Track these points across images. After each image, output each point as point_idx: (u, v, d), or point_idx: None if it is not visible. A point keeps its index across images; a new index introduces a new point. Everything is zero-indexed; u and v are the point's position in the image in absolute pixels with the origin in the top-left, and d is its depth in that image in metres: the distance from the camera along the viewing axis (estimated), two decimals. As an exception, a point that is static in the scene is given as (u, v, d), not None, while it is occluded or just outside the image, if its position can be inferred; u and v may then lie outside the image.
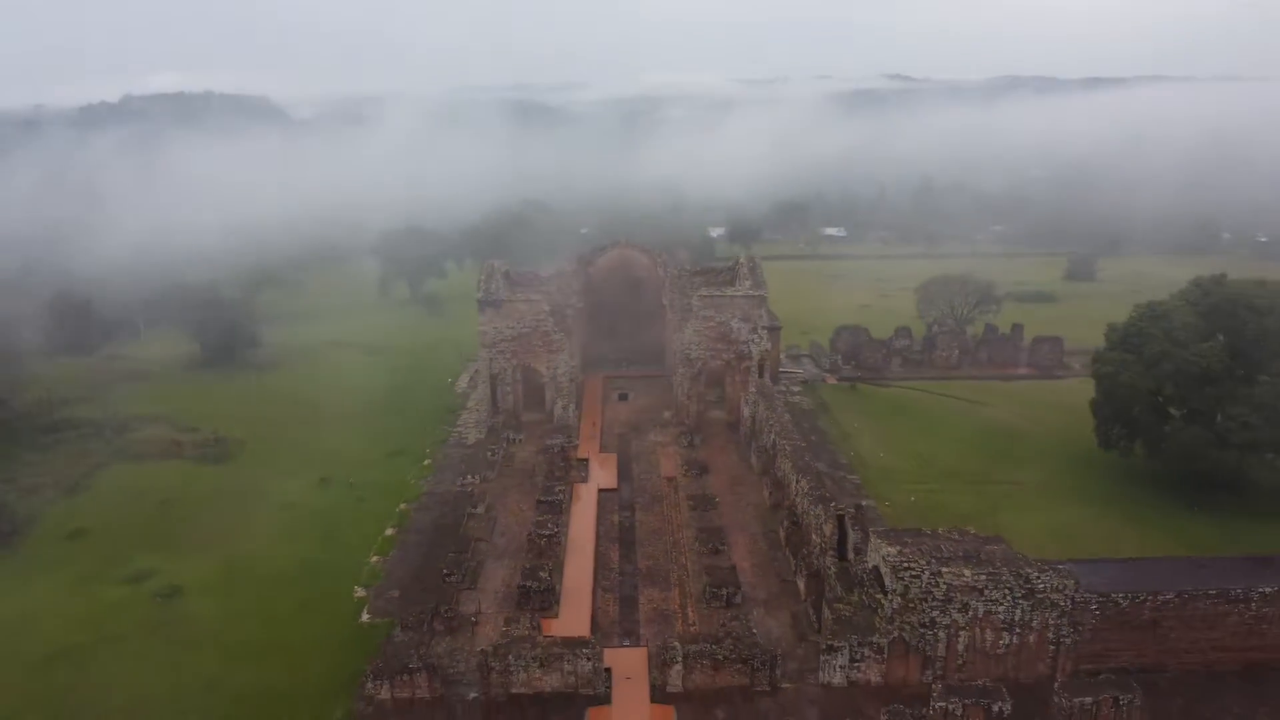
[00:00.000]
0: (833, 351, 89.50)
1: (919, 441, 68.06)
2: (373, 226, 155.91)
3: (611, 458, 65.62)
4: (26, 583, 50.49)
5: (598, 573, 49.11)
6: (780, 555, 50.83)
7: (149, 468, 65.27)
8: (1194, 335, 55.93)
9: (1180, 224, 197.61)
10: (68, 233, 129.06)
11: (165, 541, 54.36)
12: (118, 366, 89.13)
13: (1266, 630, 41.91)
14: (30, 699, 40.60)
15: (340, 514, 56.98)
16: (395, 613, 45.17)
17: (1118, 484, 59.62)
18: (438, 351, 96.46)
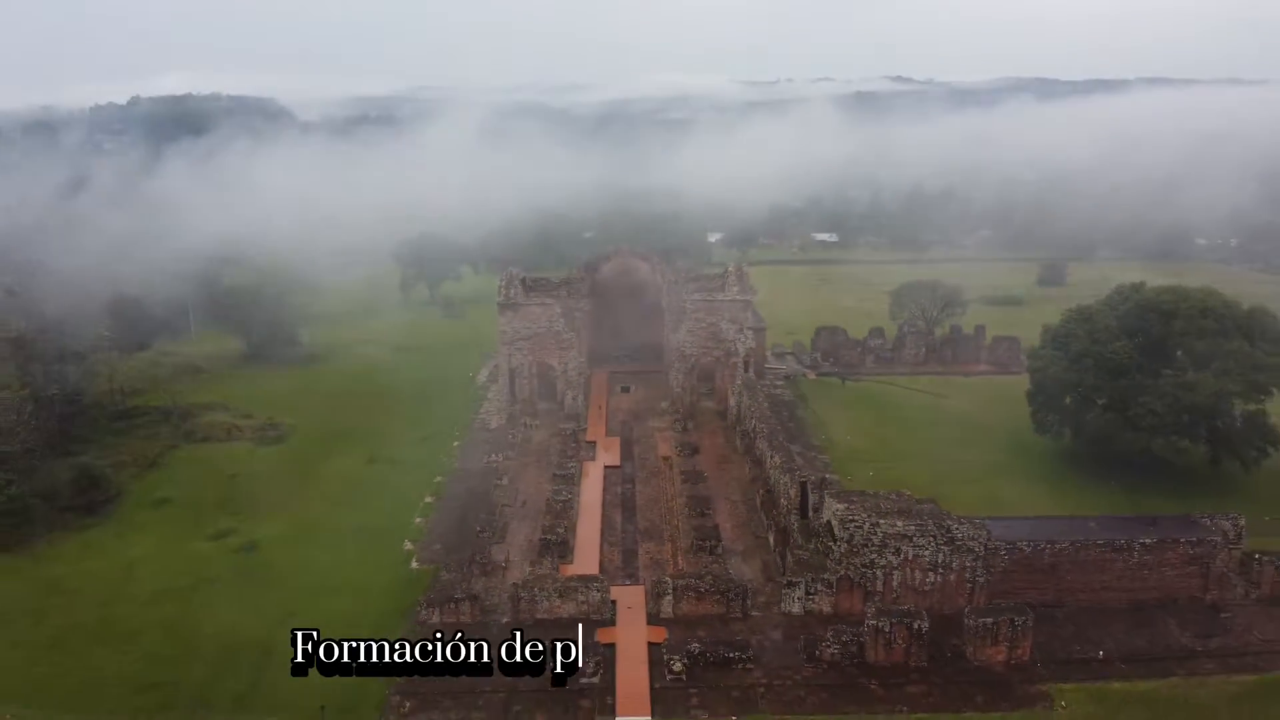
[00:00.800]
0: (813, 349, 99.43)
1: (883, 428, 78.03)
2: (391, 232, 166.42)
3: (615, 440, 75.65)
4: (127, 540, 60.54)
5: (604, 531, 59.11)
6: (756, 518, 60.77)
7: (214, 448, 75.42)
8: (1112, 336, 65.81)
9: (1155, 230, 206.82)
10: (116, 234, 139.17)
11: (238, 507, 64.38)
12: (172, 361, 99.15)
13: (1147, 574, 51.78)
14: (146, 625, 50.57)
15: (386, 485, 67.00)
16: (439, 560, 55.16)
17: (1048, 463, 69.58)
18: (458, 349, 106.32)
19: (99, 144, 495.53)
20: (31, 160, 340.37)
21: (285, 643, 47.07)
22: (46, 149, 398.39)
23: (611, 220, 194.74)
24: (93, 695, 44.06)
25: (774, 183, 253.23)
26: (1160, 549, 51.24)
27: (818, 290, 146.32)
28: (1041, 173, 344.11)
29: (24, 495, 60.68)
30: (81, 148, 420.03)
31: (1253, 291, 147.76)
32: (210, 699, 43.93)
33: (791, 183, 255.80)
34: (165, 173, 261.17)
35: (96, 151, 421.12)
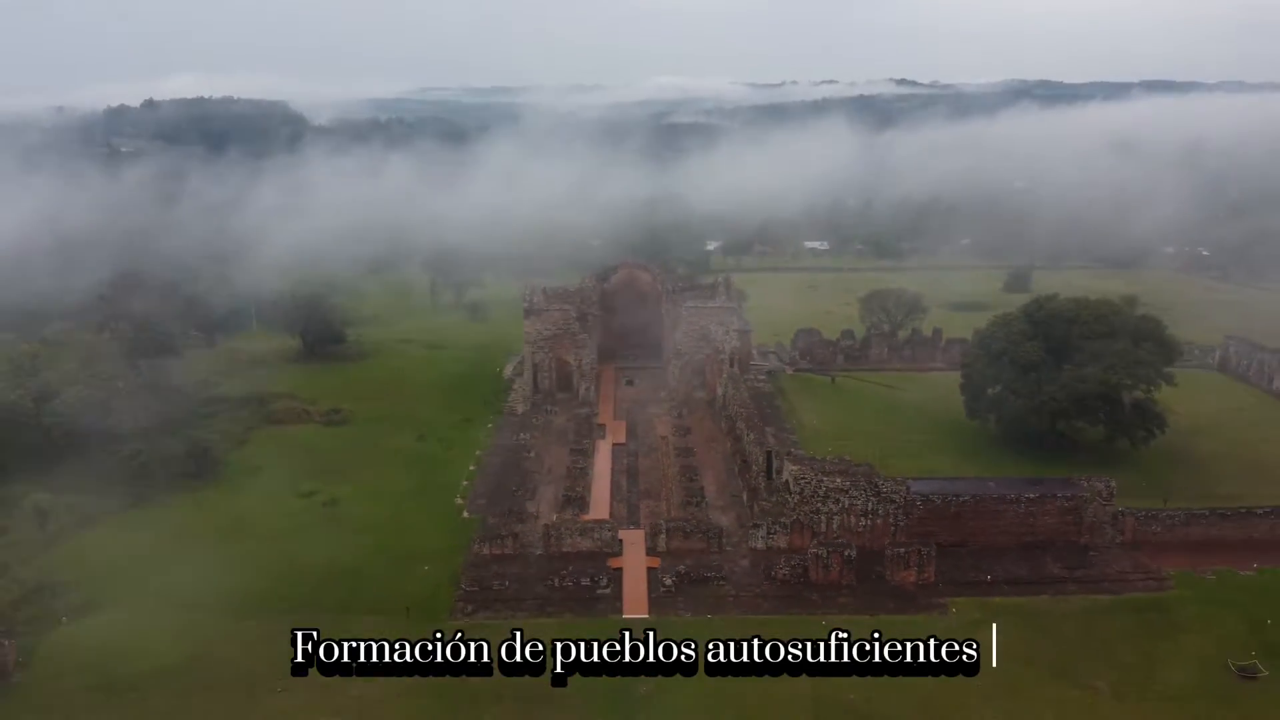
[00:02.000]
0: (793, 349, 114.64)
1: (844, 414, 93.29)
2: (414, 240, 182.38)
3: (622, 423, 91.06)
4: (232, 498, 75.98)
5: (613, 491, 74.54)
6: (734, 482, 76.10)
7: (289, 429, 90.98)
8: (1025, 338, 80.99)
9: (1126, 239, 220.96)
10: (178, 241, 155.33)
11: (317, 474, 79.75)
12: (238, 356, 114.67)
13: (1033, 522, 66.99)
14: (263, 556, 65.77)
15: (435, 457, 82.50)
16: (484, 511, 70.52)
17: (975, 441, 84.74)
18: (484, 348, 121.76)
19: (119, 147, 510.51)
20: (65, 164, 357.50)
21: (375, 567, 63.42)
22: (77, 154, 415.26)
23: (617, 229, 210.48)
24: (236, 602, 59.37)
25: (772, 193, 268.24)
26: (1041, 502, 66.49)
27: (805, 295, 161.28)
28: (1031, 181, 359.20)
29: (150, 463, 76.27)
30: (111, 154, 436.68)
31: (1195, 298, 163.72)
32: (322, 604, 59.22)
33: (788, 193, 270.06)
34: (205, 181, 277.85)
35: (126, 157, 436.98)
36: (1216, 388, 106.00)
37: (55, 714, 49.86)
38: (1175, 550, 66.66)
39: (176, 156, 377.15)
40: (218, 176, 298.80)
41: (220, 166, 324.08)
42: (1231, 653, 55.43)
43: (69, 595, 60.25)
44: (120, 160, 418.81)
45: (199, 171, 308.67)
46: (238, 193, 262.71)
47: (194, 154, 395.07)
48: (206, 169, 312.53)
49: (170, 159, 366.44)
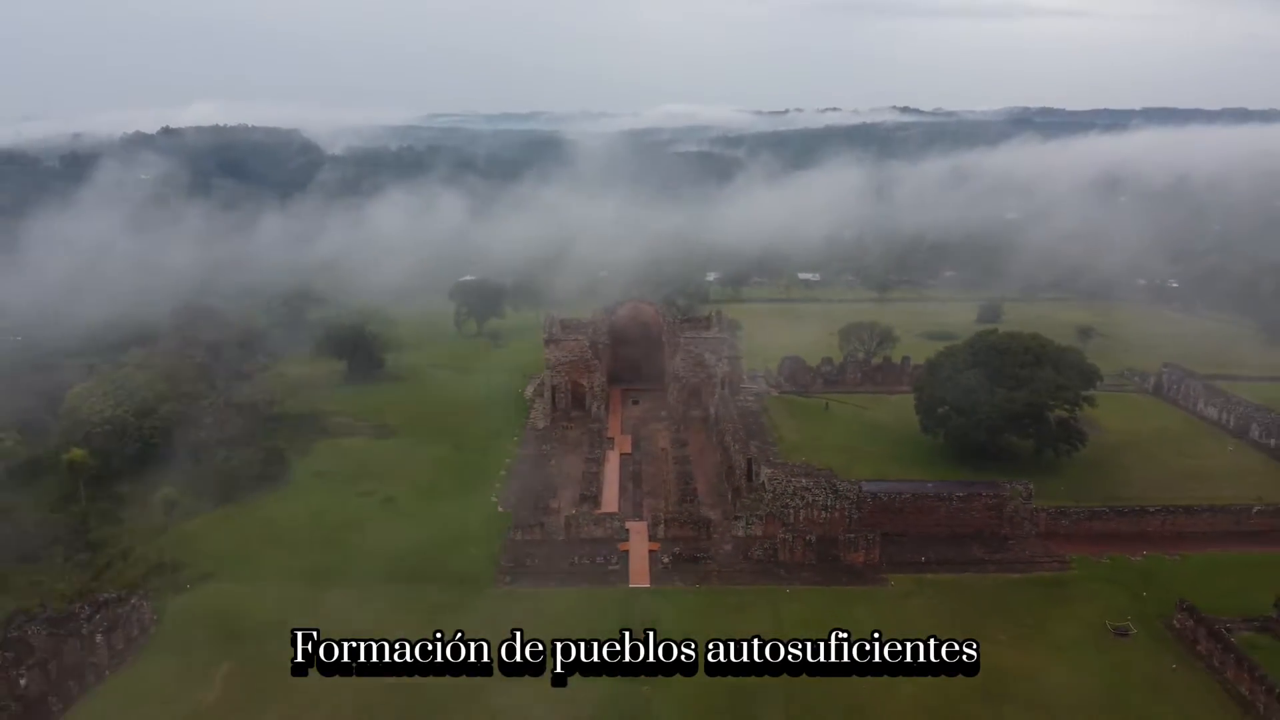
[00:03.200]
0: (778, 374, 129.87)
1: (820, 430, 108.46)
2: (441, 272, 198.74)
3: (628, 437, 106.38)
4: (304, 497, 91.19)
5: (621, 491, 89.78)
6: (722, 485, 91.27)
7: (344, 441, 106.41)
8: (966, 365, 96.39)
9: (1100, 271, 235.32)
10: (227, 273, 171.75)
11: (372, 477, 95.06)
12: (291, 379, 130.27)
13: (962, 516, 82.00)
14: (341, 540, 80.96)
15: (471, 464, 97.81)
16: (515, 506, 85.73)
17: (927, 453, 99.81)
18: (505, 371, 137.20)
19: (138, 175, 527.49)
20: (91, 194, 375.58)
21: (430, 549, 78.62)
22: (104, 183, 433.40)
23: (624, 260, 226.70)
24: (320, 575, 74.53)
25: (771, 226, 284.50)
26: (969, 500, 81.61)
27: (794, 325, 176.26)
28: (1021, 213, 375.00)
29: (235, 467, 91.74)
30: (135, 183, 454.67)
31: (1152, 329, 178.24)
32: (391, 577, 74.33)
33: (786, 226, 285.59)
34: (234, 211, 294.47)
35: (147, 185, 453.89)
36: (1148, 409, 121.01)
37: (189, 657, 64.82)
38: (1079, 540, 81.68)
39: (198, 188, 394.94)
40: (245, 207, 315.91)
41: (245, 197, 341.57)
42: (1111, 617, 70.40)
43: (186, 570, 75.66)
44: (143, 189, 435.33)
45: (224, 202, 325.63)
46: (269, 224, 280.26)
47: (214, 185, 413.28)
48: (233, 200, 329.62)
49: (192, 190, 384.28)
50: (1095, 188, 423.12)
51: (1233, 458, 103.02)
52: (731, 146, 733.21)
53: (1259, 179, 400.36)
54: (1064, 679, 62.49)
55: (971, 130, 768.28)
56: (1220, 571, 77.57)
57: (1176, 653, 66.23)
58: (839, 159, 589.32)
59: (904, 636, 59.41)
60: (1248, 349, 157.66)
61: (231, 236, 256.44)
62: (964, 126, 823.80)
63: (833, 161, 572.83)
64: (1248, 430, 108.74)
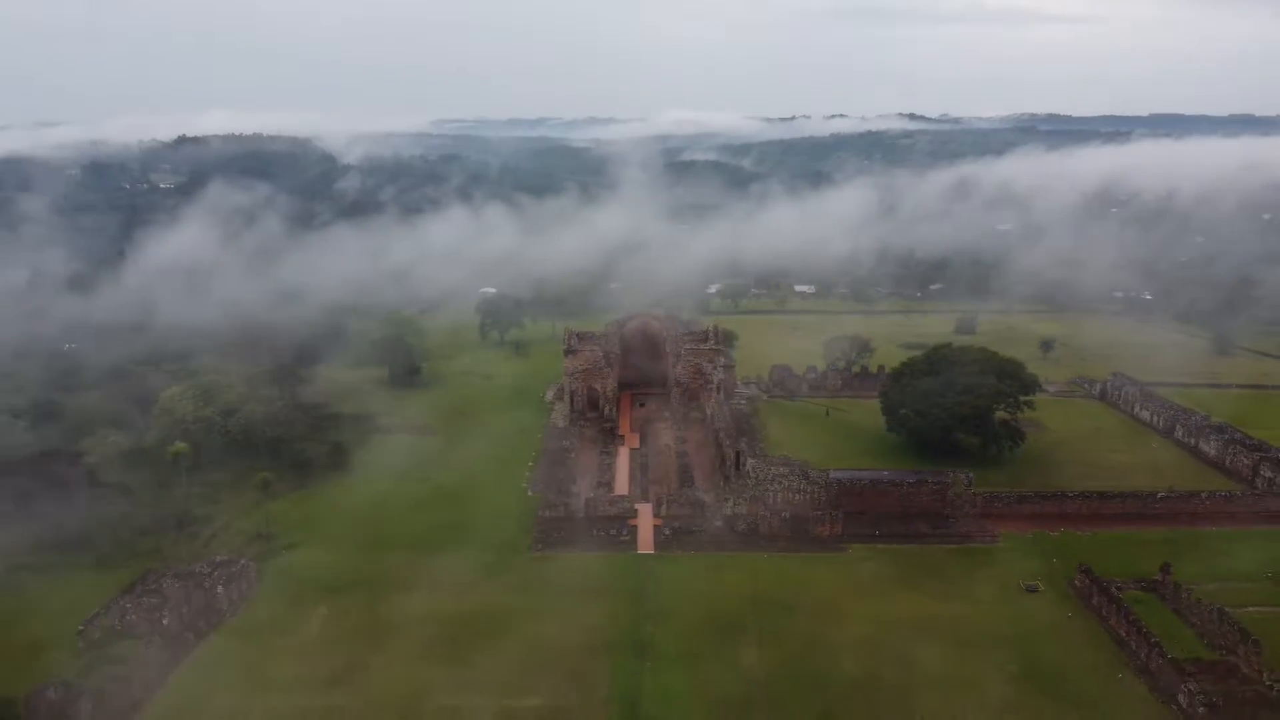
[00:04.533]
0: (769, 380, 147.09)
1: (802, 428, 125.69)
2: (465, 284, 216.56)
3: (636, 434, 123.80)
4: (367, 485, 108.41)
5: (630, 478, 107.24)
6: (715, 474, 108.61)
7: (393, 438, 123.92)
8: (923, 374, 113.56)
9: (1077, 284, 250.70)
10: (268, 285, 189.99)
11: (421, 467, 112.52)
12: (338, 385, 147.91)
13: (911, 499, 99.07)
14: (403, 518, 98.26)
15: (503, 456, 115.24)
16: (542, 490, 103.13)
17: (890, 449, 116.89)
18: (527, 378, 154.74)
19: (158, 184, 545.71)
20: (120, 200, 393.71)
21: (474, 523, 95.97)
22: (131, 191, 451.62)
23: (632, 273, 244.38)
24: (390, 543, 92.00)
25: (771, 239, 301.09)
26: (918, 485, 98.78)
27: (786, 336, 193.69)
28: (1015, 224, 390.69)
29: (308, 459, 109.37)
30: (163, 192, 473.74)
31: (1115, 339, 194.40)
32: (445, 545, 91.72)
33: (786, 240, 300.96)
34: (261, 223, 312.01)
35: (171, 194, 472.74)
36: (1091, 412, 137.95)
37: (290, 605, 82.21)
38: (1009, 519, 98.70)
39: (224, 198, 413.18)
40: (269, 218, 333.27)
41: (269, 208, 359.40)
42: (1025, 578, 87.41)
43: (278, 539, 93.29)
44: (166, 198, 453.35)
45: (248, 214, 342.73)
46: (297, 237, 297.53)
47: (238, 197, 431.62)
48: (257, 211, 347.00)
49: (219, 201, 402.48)
50: (1088, 201, 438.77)
51: (1155, 454, 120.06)
52: (739, 155, 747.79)
53: (1246, 193, 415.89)
54: (979, 622, 79.57)
55: (976, 139, 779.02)
56: (1123, 545, 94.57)
57: (1075, 605, 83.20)
58: (845, 170, 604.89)
59: (856, 592, 76.79)
60: (1196, 358, 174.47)
61: (267, 249, 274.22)
62: (969, 135, 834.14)
63: (839, 173, 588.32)
64: (1173, 430, 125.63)
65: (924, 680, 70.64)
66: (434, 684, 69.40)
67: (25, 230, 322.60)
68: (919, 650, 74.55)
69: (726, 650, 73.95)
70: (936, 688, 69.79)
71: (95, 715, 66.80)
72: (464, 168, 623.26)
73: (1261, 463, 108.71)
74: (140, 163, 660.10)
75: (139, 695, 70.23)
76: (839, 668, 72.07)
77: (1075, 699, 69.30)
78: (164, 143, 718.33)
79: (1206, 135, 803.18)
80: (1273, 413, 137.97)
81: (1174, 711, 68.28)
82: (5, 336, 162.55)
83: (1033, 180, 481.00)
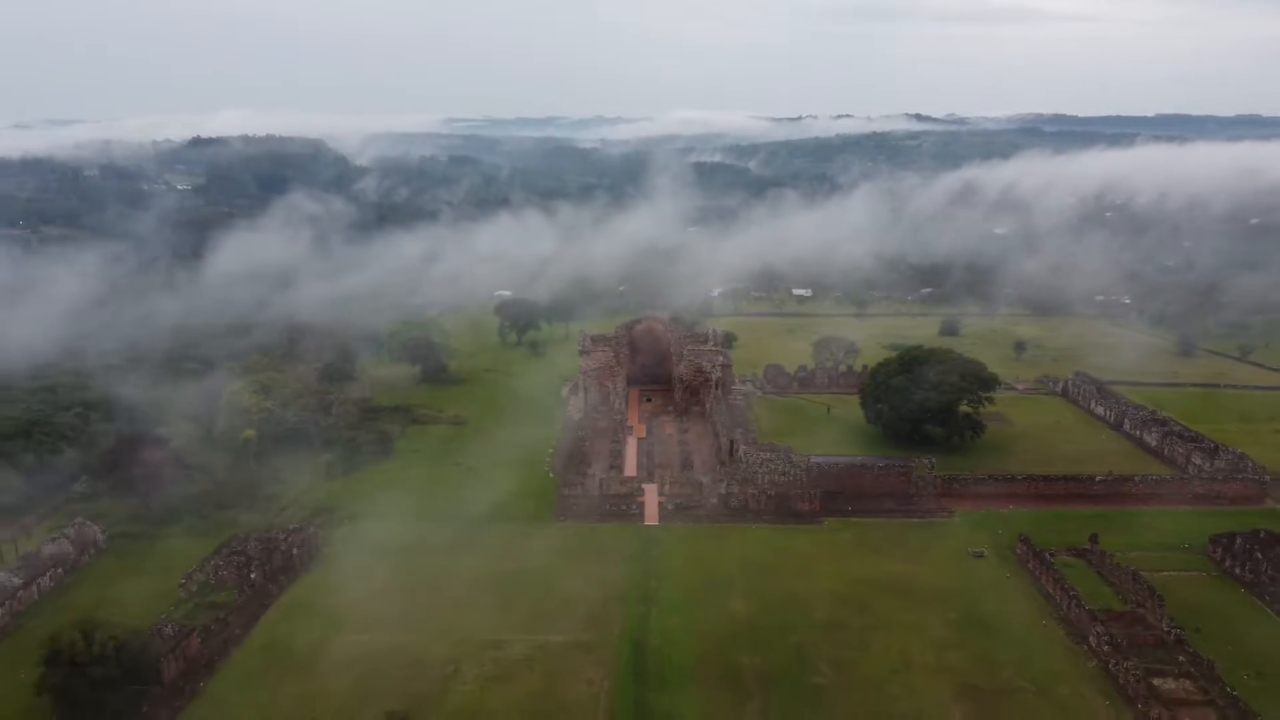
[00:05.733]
0: (763, 378, 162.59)
1: (791, 421, 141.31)
2: (480, 289, 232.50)
3: (643, 425, 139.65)
4: (409, 469, 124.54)
5: (638, 463, 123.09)
6: (712, 460, 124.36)
7: (430, 428, 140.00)
8: (896, 372, 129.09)
9: (1060, 287, 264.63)
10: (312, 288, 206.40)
11: (456, 453, 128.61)
12: (377, 381, 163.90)
13: (880, 481, 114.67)
14: (443, 495, 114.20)
15: (527, 444, 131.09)
16: (561, 472, 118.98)
17: (868, 438, 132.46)
18: (545, 376, 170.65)
19: (174, 185, 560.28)
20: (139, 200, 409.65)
21: (505, 500, 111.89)
22: (149, 192, 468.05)
23: (639, 275, 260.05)
24: (434, 516, 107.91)
25: (773, 244, 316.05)
26: (887, 469, 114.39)
27: (782, 337, 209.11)
28: (1011, 228, 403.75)
29: (358, 446, 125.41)
30: (180, 193, 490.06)
31: (1090, 340, 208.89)
32: (478, 518, 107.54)
33: (788, 244, 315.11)
34: (284, 228, 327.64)
35: (195, 196, 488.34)
36: (1052, 408, 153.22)
37: (355, 565, 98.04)
38: (966, 499, 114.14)
39: (245, 201, 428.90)
40: (290, 223, 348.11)
41: (287, 210, 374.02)
42: (973, 547, 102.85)
43: (339, 512, 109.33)
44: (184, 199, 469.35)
45: (270, 218, 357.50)
46: (322, 240, 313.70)
47: (255, 198, 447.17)
48: (278, 216, 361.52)
49: (241, 204, 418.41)
50: (1085, 205, 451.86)
51: (1103, 444, 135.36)
52: (746, 156, 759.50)
53: (1240, 198, 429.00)
54: (930, 581, 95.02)
55: (981, 141, 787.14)
56: (1062, 520, 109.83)
57: (1014, 568, 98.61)
58: (850, 173, 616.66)
59: (829, 557, 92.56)
60: (1159, 359, 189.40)
61: (294, 253, 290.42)
62: (974, 137, 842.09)
63: (844, 175, 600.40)
64: (1122, 424, 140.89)
65: (880, 624, 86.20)
66: (479, 625, 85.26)
67: (60, 232, 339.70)
68: (878, 601, 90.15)
69: (718, 600, 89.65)
70: (890, 629, 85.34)
71: (203, 647, 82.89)
72: (477, 170, 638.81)
73: (1194, 452, 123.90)
74: (156, 163, 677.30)
75: (237, 632, 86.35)
76: (810, 614, 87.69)
77: (1004, 640, 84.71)
78: (177, 143, 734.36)
79: (1213, 136, 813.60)
80: (1217, 408, 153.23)
81: (1084, 650, 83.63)
82: (57, 335, 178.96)
83: (1034, 184, 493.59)
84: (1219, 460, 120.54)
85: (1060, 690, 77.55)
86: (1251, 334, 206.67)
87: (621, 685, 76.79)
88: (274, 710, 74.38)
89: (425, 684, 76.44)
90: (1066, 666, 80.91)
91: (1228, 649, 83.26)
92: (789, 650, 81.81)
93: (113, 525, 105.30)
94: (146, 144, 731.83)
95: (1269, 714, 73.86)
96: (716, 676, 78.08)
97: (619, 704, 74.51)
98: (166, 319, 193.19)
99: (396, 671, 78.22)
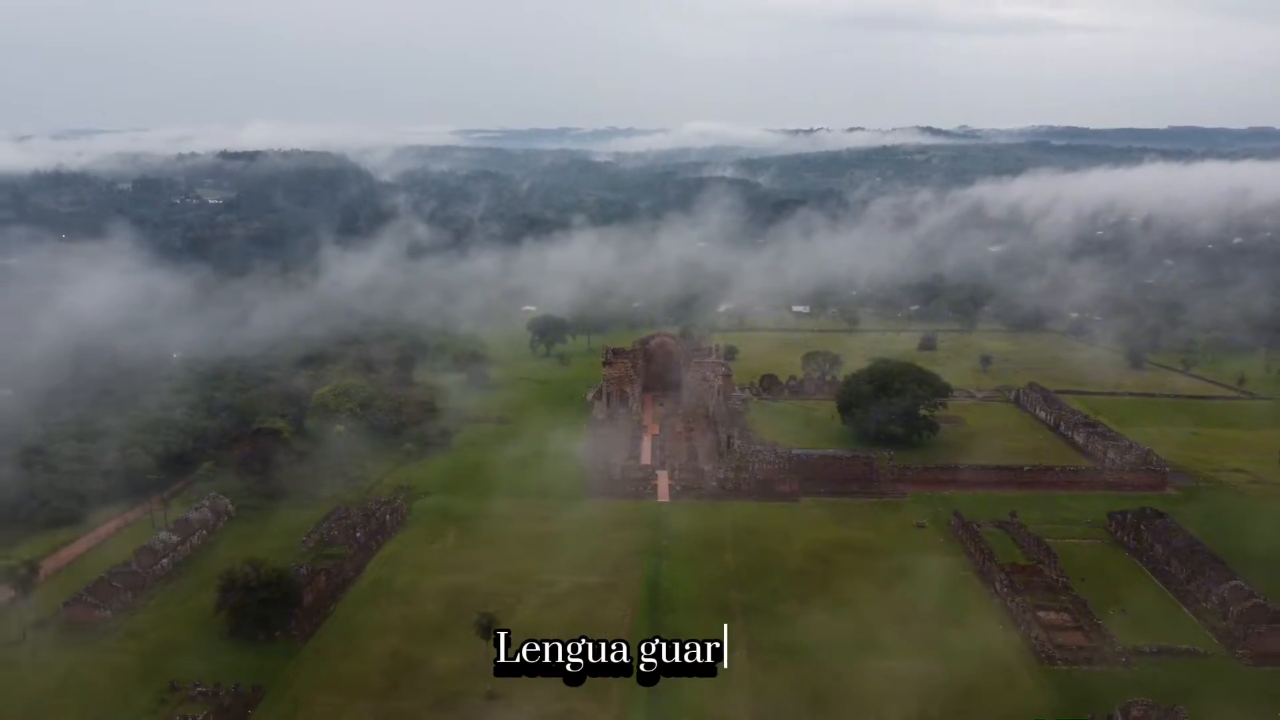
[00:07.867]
0: (759, 387, 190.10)
1: (782, 422, 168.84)
2: (508, 305, 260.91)
3: (656, 425, 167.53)
4: (465, 455, 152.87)
5: (652, 454, 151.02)
6: (713, 452, 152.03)
7: (479, 425, 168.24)
8: (866, 382, 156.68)
9: (1040, 306, 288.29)
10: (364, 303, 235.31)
11: (503, 445, 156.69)
12: (431, 387, 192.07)
13: (848, 469, 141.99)
14: (497, 478, 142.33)
15: (560, 438, 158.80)
16: (590, 461, 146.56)
17: (843, 436, 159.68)
18: (572, 384, 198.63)
19: (205, 199, 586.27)
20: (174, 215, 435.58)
21: (548, 481, 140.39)
22: (182, 206, 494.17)
23: (652, 296, 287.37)
24: (493, 493, 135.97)
25: (778, 263, 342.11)
26: (853, 459, 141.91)
27: (778, 351, 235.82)
28: (1009, 243, 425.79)
29: (427, 439, 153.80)
30: (212, 208, 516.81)
31: (1053, 355, 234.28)
32: (527, 492, 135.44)
33: (791, 265, 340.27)
34: (327, 244, 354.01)
35: (226, 211, 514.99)
36: (1003, 413, 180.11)
37: (432, 529, 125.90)
38: (918, 484, 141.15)
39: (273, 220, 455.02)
40: (322, 240, 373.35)
41: (323, 227, 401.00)
42: (917, 519, 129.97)
43: (418, 487, 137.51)
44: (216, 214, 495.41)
45: (308, 233, 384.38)
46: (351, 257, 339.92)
47: (290, 214, 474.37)
48: (314, 231, 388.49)
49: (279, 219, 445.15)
50: (1080, 224, 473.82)
51: (1039, 442, 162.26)
52: (758, 171, 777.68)
53: (1233, 217, 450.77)
54: (879, 543, 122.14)
55: (991, 157, 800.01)
56: (993, 501, 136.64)
57: (948, 535, 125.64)
58: (860, 189, 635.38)
59: (803, 526, 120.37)
60: (1109, 371, 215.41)
61: (328, 270, 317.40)
62: (985, 152, 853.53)
63: (854, 191, 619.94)
64: (1059, 426, 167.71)
65: (838, 572, 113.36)
66: (531, 569, 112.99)
67: (105, 245, 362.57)
68: (838, 557, 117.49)
69: (714, 556, 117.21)
70: (845, 576, 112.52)
71: (328, 583, 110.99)
72: (495, 185, 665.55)
73: (1110, 448, 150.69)
74: (186, 178, 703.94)
75: (350, 575, 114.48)
76: (785, 565, 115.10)
77: (930, 584, 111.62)
78: (205, 157, 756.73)
79: (1225, 148, 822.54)
80: (1147, 413, 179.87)
81: (991, 591, 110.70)
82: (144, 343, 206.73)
83: (1038, 203, 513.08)
84: (1130, 455, 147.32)
85: (968, 618, 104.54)
86: (1198, 349, 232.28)
87: (641, 612, 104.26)
88: (386, 624, 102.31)
89: (497, 607, 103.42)
90: (975, 602, 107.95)
91: (1105, 595, 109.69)
92: (766, 590, 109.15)
93: (236, 499, 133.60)
94: (172, 157, 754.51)
95: (1125, 636, 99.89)
96: (710, 607, 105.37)
97: (639, 623, 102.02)
98: (275, 330, 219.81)
99: (474, 599, 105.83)
